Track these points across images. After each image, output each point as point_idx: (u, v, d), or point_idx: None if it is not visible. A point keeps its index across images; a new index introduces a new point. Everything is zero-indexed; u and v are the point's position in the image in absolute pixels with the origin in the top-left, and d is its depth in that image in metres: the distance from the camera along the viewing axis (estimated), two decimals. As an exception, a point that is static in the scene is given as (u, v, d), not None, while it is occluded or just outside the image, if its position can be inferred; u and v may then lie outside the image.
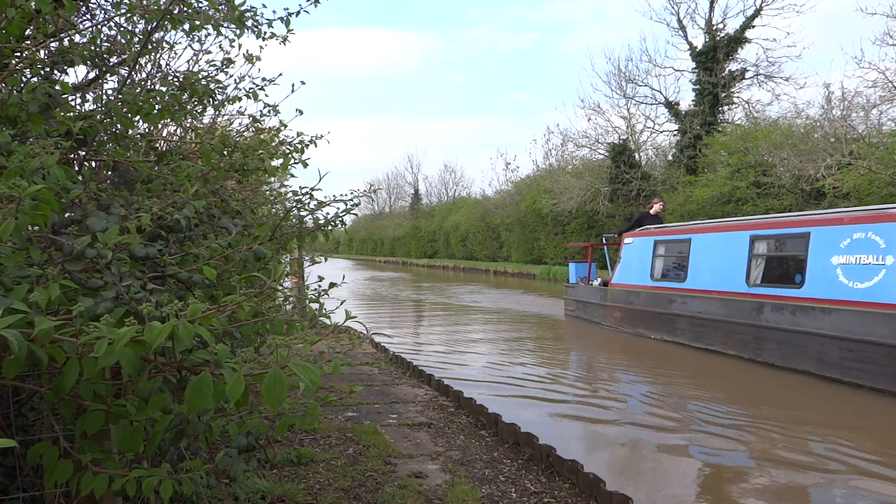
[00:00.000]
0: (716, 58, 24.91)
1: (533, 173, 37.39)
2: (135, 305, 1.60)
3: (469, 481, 4.18)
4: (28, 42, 2.77)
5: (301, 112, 3.87)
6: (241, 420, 1.93)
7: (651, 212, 13.26)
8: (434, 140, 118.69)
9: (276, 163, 3.64)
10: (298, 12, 3.69)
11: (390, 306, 18.67)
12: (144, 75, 3.54)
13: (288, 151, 3.73)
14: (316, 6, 3.74)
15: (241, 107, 7.49)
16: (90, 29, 3.17)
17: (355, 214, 3.56)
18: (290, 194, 3.66)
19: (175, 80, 3.25)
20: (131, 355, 1.38)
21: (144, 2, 2.82)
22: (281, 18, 3.61)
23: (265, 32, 3.51)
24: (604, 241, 14.86)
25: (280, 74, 3.83)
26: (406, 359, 8.28)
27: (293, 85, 3.72)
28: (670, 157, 27.52)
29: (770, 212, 19.80)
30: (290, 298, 5.07)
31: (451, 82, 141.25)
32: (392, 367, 8.21)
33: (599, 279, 13.78)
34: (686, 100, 35.43)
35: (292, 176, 3.99)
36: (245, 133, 4.45)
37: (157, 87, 3.10)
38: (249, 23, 3.34)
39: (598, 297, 13.16)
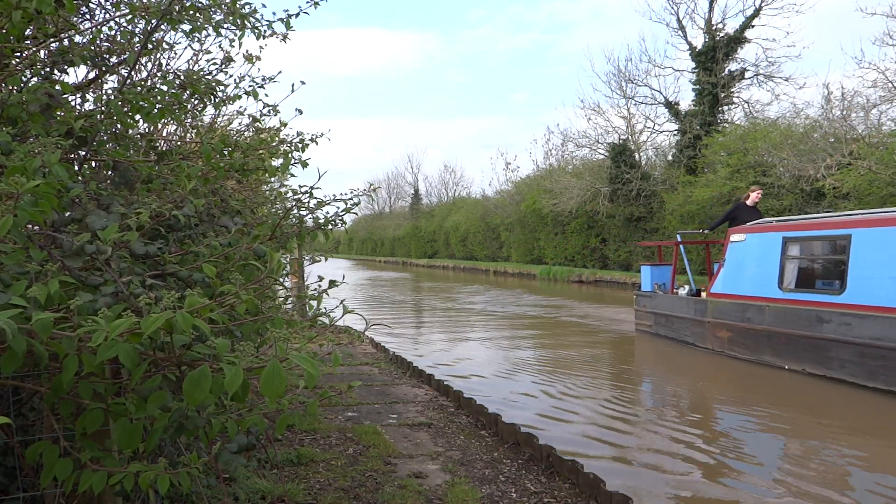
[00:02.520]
0: (715, 58, 24.93)
1: (533, 173, 37.44)
2: (134, 301, 1.60)
3: (469, 481, 4.18)
4: (28, 42, 2.78)
5: (301, 112, 3.87)
6: (241, 417, 1.93)
7: (748, 203, 10.59)
8: (434, 140, 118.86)
9: (276, 162, 3.64)
10: (298, 14, 3.70)
11: (406, 314, 18.44)
12: (145, 75, 3.54)
13: (288, 150, 3.73)
14: (316, 7, 3.75)
15: (241, 107, 7.49)
16: (90, 29, 3.17)
17: (355, 213, 3.56)
18: (289, 194, 3.66)
19: (176, 79, 3.25)
20: (130, 349, 1.38)
21: (145, 1, 2.82)
22: (281, 20, 3.61)
23: (265, 31, 3.51)
24: (678, 240, 12.29)
25: (280, 72, 3.83)
26: (406, 359, 8.28)
27: (293, 85, 3.72)
28: (670, 157, 27.54)
29: (770, 213, 19.80)
30: (290, 298, 5.08)
31: (451, 82, 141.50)
32: (392, 367, 8.22)
33: (686, 287, 11.03)
34: (686, 100, 35.48)
35: (292, 175, 3.99)
36: (245, 133, 4.45)
37: (158, 86, 3.10)
38: (251, 20, 3.34)
39: (692, 310, 10.36)
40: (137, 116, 2.80)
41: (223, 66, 3.63)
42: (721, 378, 8.50)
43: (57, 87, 2.55)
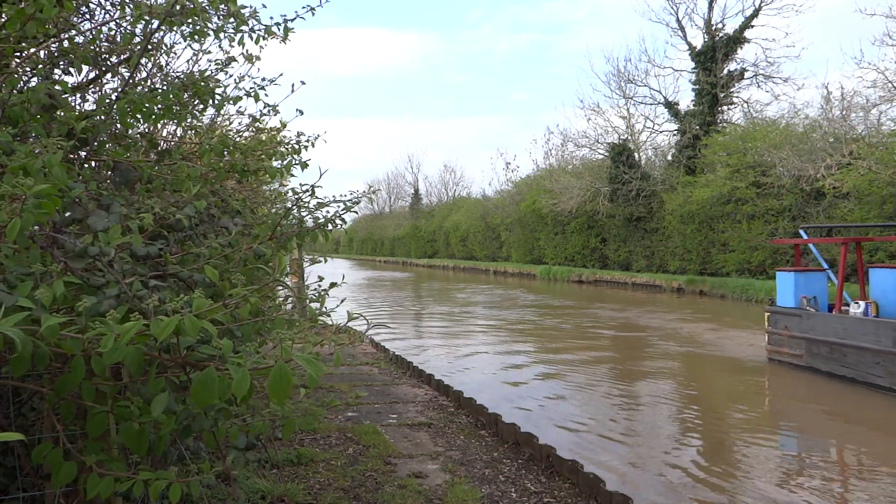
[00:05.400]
0: (715, 58, 24.95)
1: (533, 173, 37.46)
2: (137, 303, 1.60)
3: (469, 481, 4.18)
4: (28, 42, 2.77)
5: (301, 112, 3.86)
6: (245, 423, 1.93)
7: None
8: (434, 140, 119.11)
9: (276, 164, 3.64)
10: (294, 18, 3.69)
11: (406, 314, 18.35)
12: (145, 75, 3.54)
13: (286, 152, 3.72)
14: (312, 14, 3.74)
15: (240, 107, 7.46)
16: (91, 30, 3.17)
17: (355, 213, 3.56)
18: (289, 194, 3.66)
19: (176, 79, 3.25)
20: (135, 352, 1.39)
21: (150, 3, 2.82)
22: (278, 24, 3.61)
23: (263, 35, 3.51)
24: (804, 237, 9.54)
25: (281, 74, 3.82)
26: (406, 359, 8.28)
27: (293, 85, 3.72)
28: (670, 157, 27.57)
29: (769, 212, 19.81)
30: (290, 298, 5.07)
31: (451, 82, 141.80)
32: (392, 366, 8.22)
33: (862, 303, 8.05)
34: (685, 100, 35.57)
35: (292, 176, 3.99)
36: (245, 133, 4.44)
37: (158, 86, 3.10)
38: (251, 23, 3.34)
39: (890, 339, 7.25)
40: (138, 116, 2.80)
41: (224, 66, 3.63)
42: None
43: (57, 87, 2.54)
